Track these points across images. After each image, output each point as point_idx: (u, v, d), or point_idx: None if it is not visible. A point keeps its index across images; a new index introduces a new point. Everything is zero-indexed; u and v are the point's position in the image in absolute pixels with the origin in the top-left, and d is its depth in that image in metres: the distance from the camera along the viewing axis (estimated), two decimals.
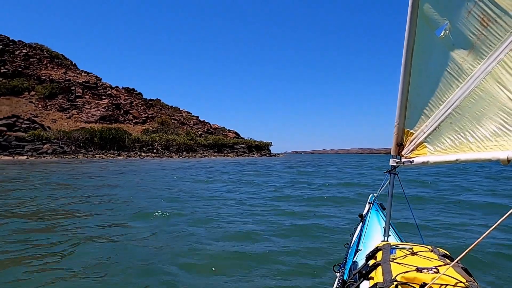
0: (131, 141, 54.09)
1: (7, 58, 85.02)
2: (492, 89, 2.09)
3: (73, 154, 42.97)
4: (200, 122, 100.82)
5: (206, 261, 4.87)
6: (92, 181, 16.25)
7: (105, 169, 24.18)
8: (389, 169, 2.87)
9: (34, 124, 51.91)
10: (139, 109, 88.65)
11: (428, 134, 2.54)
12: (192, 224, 7.25)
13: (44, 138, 44.80)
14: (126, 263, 4.76)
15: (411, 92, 2.64)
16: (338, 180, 18.90)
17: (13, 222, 7.08)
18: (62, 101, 79.19)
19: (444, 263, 1.81)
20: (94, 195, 11.11)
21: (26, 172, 21.19)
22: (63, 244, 5.64)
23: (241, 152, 71.52)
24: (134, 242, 5.83)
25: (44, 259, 4.91)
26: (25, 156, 37.72)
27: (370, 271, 1.92)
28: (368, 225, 3.33)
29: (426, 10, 2.41)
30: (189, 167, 29.36)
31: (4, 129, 47.18)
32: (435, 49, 2.43)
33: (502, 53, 2.02)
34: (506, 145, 2.01)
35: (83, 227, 6.82)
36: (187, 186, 14.61)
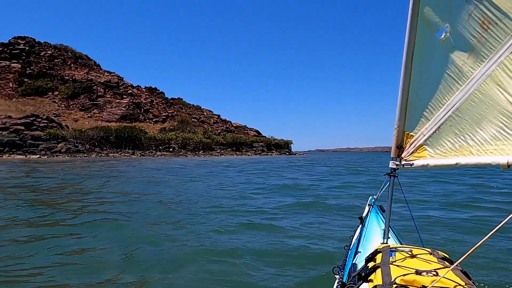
0: (147, 140, 53.55)
1: (33, 59, 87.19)
2: (492, 92, 2.09)
3: (86, 153, 42.81)
4: (221, 120, 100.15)
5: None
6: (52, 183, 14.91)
7: (96, 170, 23.22)
8: (389, 172, 2.87)
9: (51, 123, 52.34)
10: (160, 108, 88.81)
11: (428, 136, 2.56)
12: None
13: (59, 137, 44.82)
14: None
15: (411, 95, 2.65)
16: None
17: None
18: (84, 100, 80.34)
19: (443, 266, 1.82)
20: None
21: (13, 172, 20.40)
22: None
23: (260, 151, 70.13)
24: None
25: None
26: (37, 155, 37.71)
27: (370, 274, 1.92)
28: (368, 227, 3.31)
29: (426, 13, 2.43)
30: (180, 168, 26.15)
31: (22, 128, 47.69)
32: (436, 52, 2.45)
33: (502, 56, 2.03)
34: (506, 149, 2.01)
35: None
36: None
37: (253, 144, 72.73)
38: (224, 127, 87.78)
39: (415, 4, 2.47)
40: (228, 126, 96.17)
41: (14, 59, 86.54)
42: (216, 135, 73.89)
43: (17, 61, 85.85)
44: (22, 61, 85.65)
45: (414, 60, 2.57)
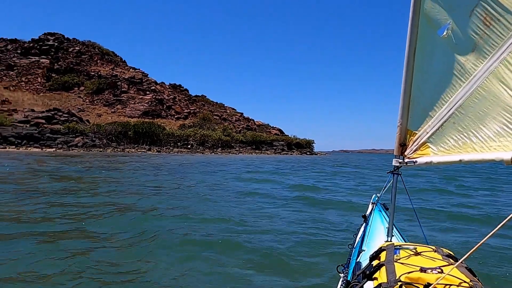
0: (165, 136, 53.18)
1: (61, 55, 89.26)
2: (495, 89, 2.09)
3: (102, 148, 42.70)
4: (243, 118, 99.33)
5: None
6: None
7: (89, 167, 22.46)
8: (392, 170, 2.85)
9: (72, 117, 52.89)
10: (182, 105, 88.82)
11: (431, 134, 2.56)
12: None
13: (78, 131, 45.02)
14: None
15: (414, 92, 2.65)
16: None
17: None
18: (108, 96, 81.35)
19: (448, 263, 1.83)
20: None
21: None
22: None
23: (280, 150, 68.67)
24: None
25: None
26: (53, 148, 37.86)
27: (374, 272, 1.93)
28: (371, 226, 3.32)
29: (428, 10, 2.43)
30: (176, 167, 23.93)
31: (43, 121, 48.33)
32: (438, 49, 2.45)
33: (505, 52, 2.02)
34: (510, 145, 2.00)
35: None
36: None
37: (274, 143, 71.30)
38: (245, 125, 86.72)
39: (416, 1, 2.48)
40: (250, 124, 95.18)
41: (43, 55, 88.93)
42: (236, 133, 72.95)
43: (46, 56, 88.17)
44: (51, 57, 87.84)
45: (416, 57, 2.56)
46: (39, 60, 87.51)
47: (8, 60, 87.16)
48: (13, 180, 12.84)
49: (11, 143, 36.92)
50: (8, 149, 34.60)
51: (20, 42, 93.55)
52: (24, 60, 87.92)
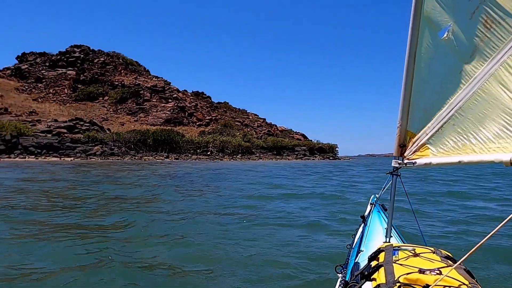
0: (184, 143, 52.91)
1: (86, 66, 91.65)
2: (495, 91, 2.10)
3: (120, 156, 42.78)
4: (266, 124, 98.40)
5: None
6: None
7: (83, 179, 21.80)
8: (391, 170, 2.87)
9: (93, 126, 53.53)
10: (204, 112, 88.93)
11: (430, 135, 2.57)
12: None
13: (97, 139, 45.37)
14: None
15: (414, 93, 2.66)
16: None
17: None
18: (131, 105, 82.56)
19: (446, 264, 1.84)
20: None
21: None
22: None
23: (301, 155, 67.05)
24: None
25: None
26: (71, 158, 38.16)
27: (373, 272, 1.94)
28: (370, 226, 3.32)
29: (429, 12, 2.44)
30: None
31: (65, 131, 49.07)
32: (438, 51, 2.45)
33: (505, 55, 2.04)
34: (509, 147, 2.02)
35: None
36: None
37: (295, 148, 69.79)
38: (266, 130, 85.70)
39: (417, 3, 2.48)
40: (272, 129, 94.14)
41: (70, 67, 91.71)
42: (257, 138, 72.00)
43: (73, 68, 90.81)
44: (77, 68, 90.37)
45: (417, 59, 2.57)
46: (66, 72, 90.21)
47: (37, 73, 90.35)
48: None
49: (31, 152, 37.52)
50: (27, 159, 35.15)
51: (48, 55, 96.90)
52: (52, 73, 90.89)
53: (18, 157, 35.67)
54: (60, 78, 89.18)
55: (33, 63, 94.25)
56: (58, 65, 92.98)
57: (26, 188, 13.34)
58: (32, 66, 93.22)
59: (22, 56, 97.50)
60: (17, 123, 43.04)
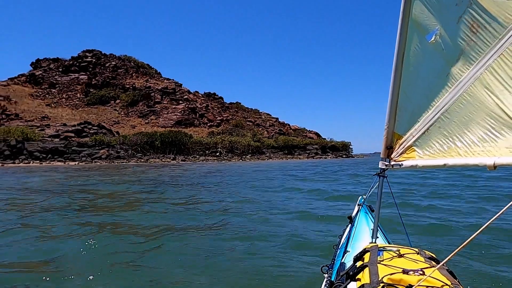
0: (192, 144, 52.16)
1: (98, 70, 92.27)
2: (480, 95, 2.14)
3: (126, 159, 42.25)
4: (279, 123, 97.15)
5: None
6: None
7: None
8: (378, 172, 2.91)
9: (102, 130, 53.35)
10: (215, 112, 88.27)
11: (417, 137, 2.61)
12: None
13: (104, 143, 45.03)
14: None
15: (401, 96, 2.70)
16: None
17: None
18: (142, 107, 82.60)
19: (430, 265, 1.88)
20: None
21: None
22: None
23: (313, 154, 65.40)
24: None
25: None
26: (76, 162, 37.77)
27: (358, 273, 1.97)
28: (357, 227, 3.36)
29: (417, 15, 2.47)
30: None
31: (72, 135, 48.98)
32: (426, 54, 2.50)
33: (490, 59, 2.08)
34: (493, 150, 2.06)
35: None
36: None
37: (307, 146, 68.19)
38: (278, 130, 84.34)
39: (406, 6, 2.51)
40: (285, 129, 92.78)
41: (82, 71, 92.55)
42: (269, 138, 70.75)
43: (85, 73, 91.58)
44: (89, 73, 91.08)
45: (405, 62, 2.61)
46: (78, 77, 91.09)
47: (51, 79, 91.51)
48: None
49: (36, 157, 37.35)
50: (31, 164, 34.95)
51: (61, 61, 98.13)
52: (65, 78, 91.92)
53: (23, 162, 35.50)
54: (72, 83, 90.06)
55: (47, 69, 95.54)
56: (70, 70, 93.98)
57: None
58: (46, 72, 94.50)
59: (36, 63, 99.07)
60: (24, 128, 43.07)
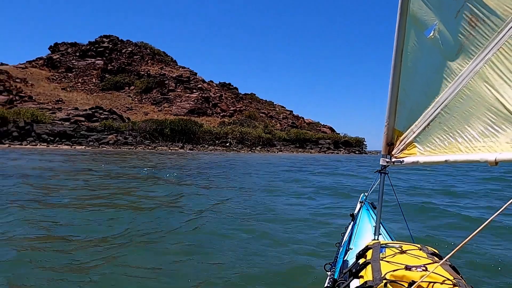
0: (202, 133, 51.57)
1: (114, 56, 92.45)
2: (480, 89, 2.13)
3: (134, 146, 41.93)
4: (293, 116, 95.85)
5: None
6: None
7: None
8: (380, 169, 2.92)
9: (113, 115, 53.22)
10: (228, 102, 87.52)
11: (417, 133, 2.60)
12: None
13: (113, 128, 44.83)
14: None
15: (401, 92, 2.69)
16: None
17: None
18: (156, 94, 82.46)
19: (432, 261, 1.87)
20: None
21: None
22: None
23: (325, 148, 64.05)
24: None
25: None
26: (83, 146, 37.62)
27: (360, 270, 1.96)
28: (359, 224, 3.37)
29: (415, 11, 2.47)
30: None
31: (83, 119, 48.95)
32: (424, 50, 2.49)
33: (489, 53, 2.06)
34: (494, 146, 2.04)
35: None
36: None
37: (319, 141, 66.84)
38: (291, 122, 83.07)
39: (403, 2, 2.51)
40: (299, 122, 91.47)
41: (99, 57, 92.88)
42: (281, 130, 69.64)
43: (101, 58, 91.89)
44: (105, 58, 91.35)
45: (404, 58, 2.60)
46: (94, 62, 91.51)
47: (68, 63, 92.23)
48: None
49: (43, 140, 37.37)
50: (38, 146, 34.94)
51: (79, 45, 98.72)
52: (81, 62, 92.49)
53: (30, 144, 35.52)
54: (89, 68, 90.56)
55: (64, 53, 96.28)
56: (87, 55, 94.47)
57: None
58: (63, 56, 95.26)
59: (54, 47, 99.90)
60: (34, 110, 43.18)
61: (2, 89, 54.41)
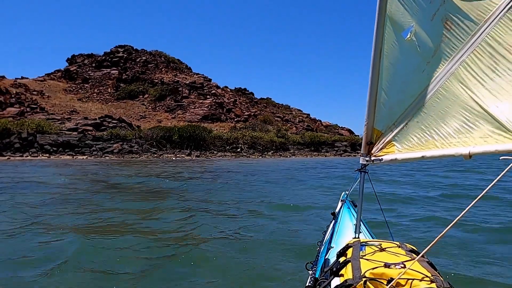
0: (212, 139, 50.09)
1: (129, 65, 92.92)
2: (455, 89, 2.22)
3: (140, 154, 40.82)
4: (310, 119, 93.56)
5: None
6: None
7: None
8: (360, 168, 2.98)
9: (121, 123, 52.56)
10: (243, 107, 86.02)
11: (396, 132, 2.65)
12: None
13: (120, 137, 43.98)
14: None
15: (380, 92, 2.73)
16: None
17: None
18: (169, 102, 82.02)
19: (411, 258, 1.90)
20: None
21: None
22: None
23: (341, 151, 61.28)
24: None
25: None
26: (85, 156, 36.75)
27: (341, 268, 1.99)
28: (340, 223, 3.37)
29: (392, 12, 2.48)
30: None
31: (91, 128, 48.40)
32: (402, 51, 2.50)
33: (464, 55, 2.14)
34: (468, 141, 2.13)
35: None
36: None
37: (335, 143, 64.13)
38: (306, 125, 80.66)
39: (381, 3, 2.51)
40: (317, 125, 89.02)
41: (114, 67, 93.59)
42: (296, 134, 67.41)
43: (116, 68, 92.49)
44: (120, 68, 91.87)
45: (382, 58, 2.64)
46: (110, 72, 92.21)
47: (84, 74, 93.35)
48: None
49: (46, 151, 36.75)
50: (38, 157, 34.30)
51: (95, 56, 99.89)
52: (97, 73, 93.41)
53: (31, 155, 34.92)
54: (104, 78, 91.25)
55: (81, 65, 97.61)
56: (103, 66, 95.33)
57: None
58: (80, 67, 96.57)
59: (72, 58, 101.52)
60: (40, 121, 42.82)
61: (14, 101, 54.76)
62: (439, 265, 2.06)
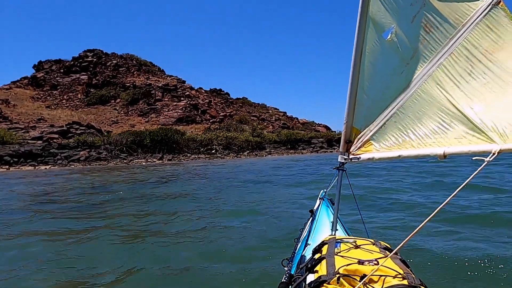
0: (185, 142, 48.75)
1: (99, 70, 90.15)
2: (433, 91, 2.24)
3: (107, 161, 39.14)
4: (286, 117, 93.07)
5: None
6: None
7: None
8: (338, 166, 2.99)
9: (90, 130, 50.62)
10: (218, 108, 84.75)
11: (374, 132, 2.70)
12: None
13: (87, 143, 42.14)
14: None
15: (359, 92, 2.76)
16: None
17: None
18: (142, 105, 79.94)
19: (384, 255, 1.93)
20: None
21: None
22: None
23: (318, 148, 60.91)
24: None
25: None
26: (48, 166, 34.82)
27: (316, 265, 2.00)
28: (318, 220, 3.43)
29: (374, 13, 2.50)
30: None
31: (57, 136, 46.35)
32: (383, 51, 2.53)
33: (442, 58, 2.19)
34: (443, 142, 2.18)
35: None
36: None
37: (312, 140, 63.75)
38: (282, 123, 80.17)
39: (364, 3, 2.54)
40: (293, 123, 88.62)
41: (83, 71, 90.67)
42: (272, 132, 66.72)
43: (86, 73, 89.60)
44: (89, 72, 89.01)
45: (363, 58, 2.66)
46: (79, 77, 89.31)
47: (52, 80, 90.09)
48: None
49: (6, 162, 34.68)
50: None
51: (63, 62, 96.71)
52: (66, 79, 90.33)
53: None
54: (73, 84, 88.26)
55: (49, 71, 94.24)
56: (72, 71, 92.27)
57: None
58: (47, 74, 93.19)
59: (39, 65, 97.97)
60: (0, 131, 40.58)
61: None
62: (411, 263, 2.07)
